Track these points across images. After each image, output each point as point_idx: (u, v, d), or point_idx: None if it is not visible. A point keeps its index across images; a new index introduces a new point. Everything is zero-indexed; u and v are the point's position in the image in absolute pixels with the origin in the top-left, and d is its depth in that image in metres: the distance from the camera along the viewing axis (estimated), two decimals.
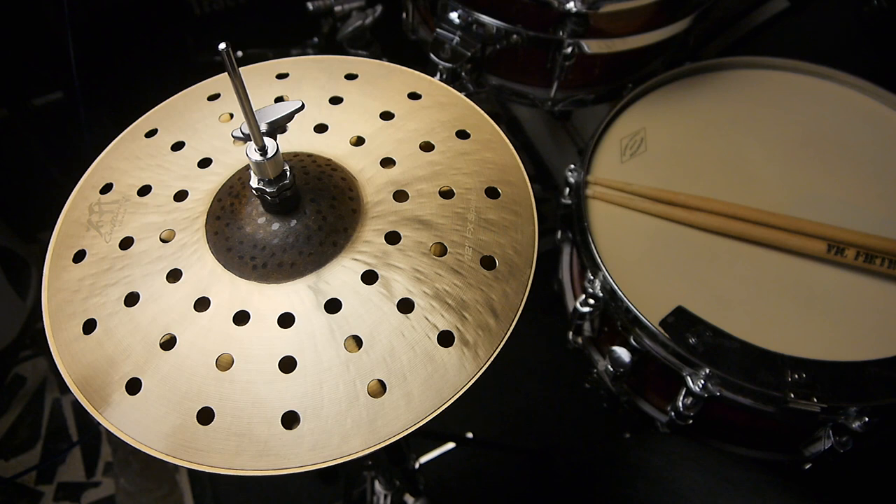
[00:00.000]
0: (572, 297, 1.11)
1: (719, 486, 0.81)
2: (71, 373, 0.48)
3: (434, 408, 0.45)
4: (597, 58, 1.07)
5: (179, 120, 0.61)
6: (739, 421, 0.90)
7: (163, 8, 1.40)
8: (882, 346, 0.83)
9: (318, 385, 0.46)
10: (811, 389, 0.78)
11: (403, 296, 0.49)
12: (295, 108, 0.51)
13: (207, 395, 0.46)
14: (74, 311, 0.50)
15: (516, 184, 0.55)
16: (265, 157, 0.47)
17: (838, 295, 0.88)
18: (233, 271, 0.51)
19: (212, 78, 0.64)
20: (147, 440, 0.45)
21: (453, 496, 1.34)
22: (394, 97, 0.61)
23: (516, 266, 0.51)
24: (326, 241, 0.51)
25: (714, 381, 0.81)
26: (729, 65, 1.11)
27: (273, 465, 0.44)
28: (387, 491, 1.00)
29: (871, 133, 1.03)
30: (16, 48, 1.41)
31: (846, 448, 0.79)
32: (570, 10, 0.96)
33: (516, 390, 1.46)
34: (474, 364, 0.47)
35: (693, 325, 0.84)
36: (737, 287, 0.89)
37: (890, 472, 1.04)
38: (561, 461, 1.37)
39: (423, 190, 0.54)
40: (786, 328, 0.85)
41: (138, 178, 0.57)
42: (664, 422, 0.96)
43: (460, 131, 0.58)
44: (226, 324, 0.49)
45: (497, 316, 0.48)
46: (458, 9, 1.05)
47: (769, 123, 1.05)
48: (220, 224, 0.53)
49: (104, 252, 0.53)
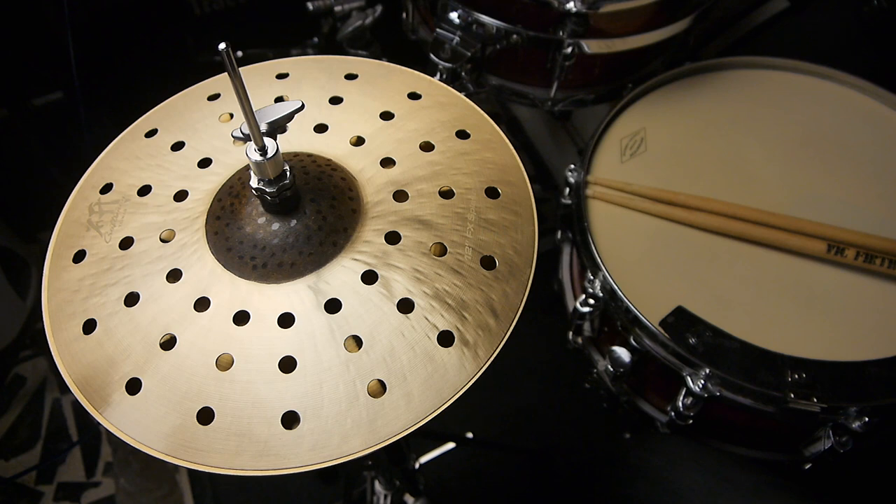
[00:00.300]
0: (572, 297, 1.11)
1: (719, 487, 0.82)
2: (71, 373, 0.48)
3: (434, 408, 0.45)
4: (597, 58, 1.07)
5: (179, 120, 0.61)
6: (739, 421, 0.90)
7: (163, 8, 1.40)
8: (882, 346, 0.83)
9: (318, 385, 0.46)
10: (811, 389, 0.78)
11: (403, 296, 0.49)
12: (295, 108, 0.51)
13: (207, 395, 0.46)
14: (74, 311, 0.50)
15: (516, 184, 0.55)
16: (265, 158, 0.47)
17: (838, 295, 0.88)
18: (233, 271, 0.51)
19: (212, 78, 0.64)
20: (147, 440, 0.45)
21: (453, 496, 1.34)
22: (394, 97, 0.61)
23: (516, 266, 0.51)
24: (326, 241, 0.51)
25: (714, 381, 0.81)
26: (729, 65, 1.11)
27: (273, 465, 0.44)
28: (387, 491, 1.00)
29: (871, 133, 1.03)
30: (16, 48, 1.41)
31: (846, 448, 0.79)
32: (570, 10, 0.96)
33: (516, 390, 1.46)
34: (474, 364, 0.47)
35: (693, 325, 0.84)
36: (737, 287, 0.89)
37: (890, 472, 1.04)
38: (561, 461, 1.37)
39: (423, 190, 0.54)
40: (786, 328, 0.85)
41: (138, 178, 0.57)
42: (664, 422, 0.96)
43: (460, 131, 0.58)
44: (226, 324, 0.49)
45: (497, 316, 0.48)
46: (458, 9, 1.05)
47: (769, 123, 1.05)
48: (220, 224, 0.53)
49: (104, 252, 0.53)
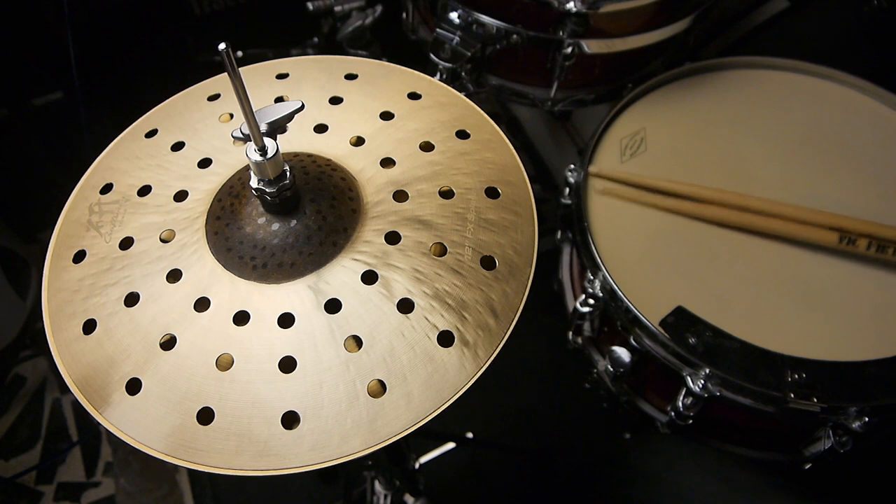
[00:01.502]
0: (572, 297, 1.11)
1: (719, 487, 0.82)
2: (71, 373, 0.48)
3: (434, 408, 0.45)
4: (597, 58, 1.07)
5: (179, 120, 0.61)
6: (739, 421, 0.90)
7: (163, 8, 1.40)
8: (882, 346, 0.83)
9: (318, 385, 0.46)
10: (811, 389, 0.78)
11: (403, 296, 0.49)
12: (295, 108, 0.51)
13: (207, 395, 0.46)
14: (74, 312, 0.50)
15: (516, 184, 0.55)
16: (265, 158, 0.47)
17: (838, 295, 0.88)
18: (233, 271, 0.51)
19: (212, 78, 0.64)
20: (147, 440, 0.45)
21: (453, 496, 1.34)
22: (394, 97, 0.61)
23: (516, 266, 0.51)
24: (326, 241, 0.51)
25: (714, 381, 0.81)
26: (729, 65, 1.11)
27: (273, 466, 0.44)
28: (387, 491, 1.00)
29: (871, 133, 1.03)
30: (16, 48, 1.41)
31: (846, 448, 0.79)
32: (570, 10, 0.96)
33: (516, 390, 1.46)
34: (474, 364, 0.47)
35: (693, 325, 0.84)
36: (737, 287, 0.89)
37: (890, 472, 1.04)
38: (561, 461, 1.37)
39: (422, 190, 0.54)
40: (786, 328, 0.85)
41: (138, 179, 0.57)
42: (664, 422, 0.96)
43: (460, 131, 0.58)
44: (226, 324, 0.49)
45: (497, 316, 0.48)
46: (458, 9, 1.05)
47: (769, 123, 1.05)
48: (220, 224, 0.53)
49: (104, 252, 0.53)
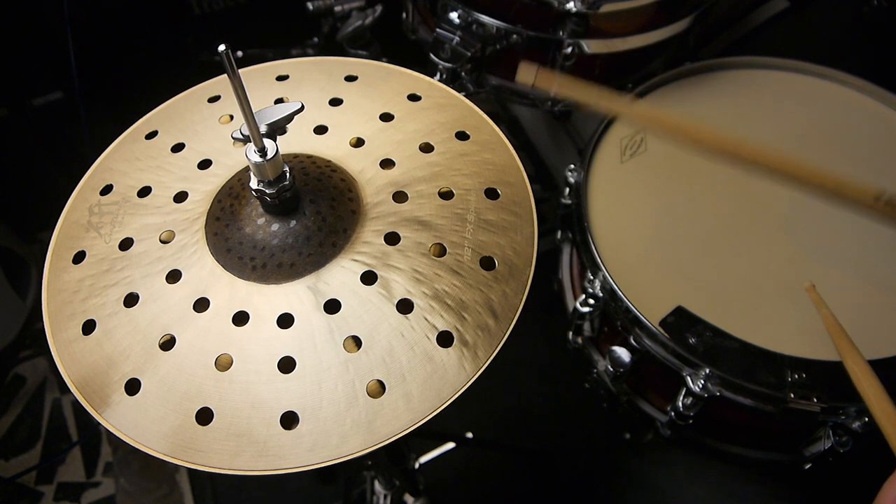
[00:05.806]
0: (572, 297, 1.11)
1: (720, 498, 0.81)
2: (71, 373, 0.48)
3: (433, 408, 0.45)
4: (597, 58, 1.07)
5: (180, 121, 0.61)
6: (739, 421, 0.90)
7: (163, 8, 1.41)
8: (882, 346, 0.83)
9: (317, 385, 0.46)
10: (811, 389, 0.78)
11: (403, 296, 0.49)
12: (294, 109, 0.51)
13: (207, 395, 0.46)
14: (74, 312, 0.50)
15: (516, 184, 0.55)
16: (265, 159, 0.47)
17: (838, 295, 0.88)
18: (232, 272, 0.51)
19: (212, 79, 0.64)
20: (147, 440, 0.45)
21: (453, 496, 1.34)
22: (393, 99, 0.61)
23: (516, 266, 0.51)
24: (326, 241, 0.51)
25: (714, 381, 0.81)
26: (729, 65, 1.11)
27: (272, 466, 0.44)
28: (387, 491, 1.00)
29: (871, 133, 1.03)
30: (16, 48, 1.41)
31: (846, 448, 0.79)
32: (570, 10, 0.96)
33: (516, 390, 1.46)
34: (473, 364, 0.47)
35: (693, 324, 0.84)
36: (737, 287, 0.89)
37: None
38: (561, 461, 1.37)
39: (422, 191, 0.54)
40: (786, 328, 0.85)
41: (138, 180, 0.57)
42: (664, 422, 0.96)
43: (460, 132, 0.58)
44: (225, 324, 0.49)
45: (496, 316, 0.48)
46: (458, 9, 1.05)
47: (769, 123, 1.05)
48: (220, 225, 0.53)
49: (104, 253, 0.53)
